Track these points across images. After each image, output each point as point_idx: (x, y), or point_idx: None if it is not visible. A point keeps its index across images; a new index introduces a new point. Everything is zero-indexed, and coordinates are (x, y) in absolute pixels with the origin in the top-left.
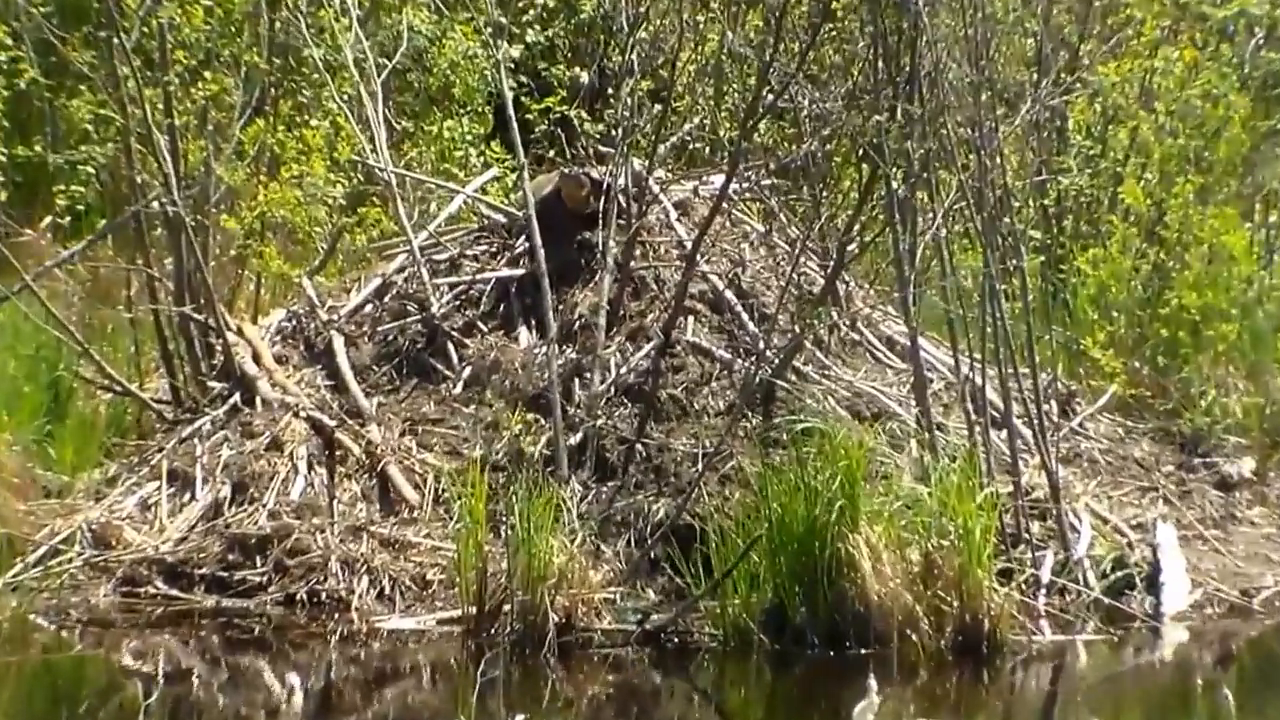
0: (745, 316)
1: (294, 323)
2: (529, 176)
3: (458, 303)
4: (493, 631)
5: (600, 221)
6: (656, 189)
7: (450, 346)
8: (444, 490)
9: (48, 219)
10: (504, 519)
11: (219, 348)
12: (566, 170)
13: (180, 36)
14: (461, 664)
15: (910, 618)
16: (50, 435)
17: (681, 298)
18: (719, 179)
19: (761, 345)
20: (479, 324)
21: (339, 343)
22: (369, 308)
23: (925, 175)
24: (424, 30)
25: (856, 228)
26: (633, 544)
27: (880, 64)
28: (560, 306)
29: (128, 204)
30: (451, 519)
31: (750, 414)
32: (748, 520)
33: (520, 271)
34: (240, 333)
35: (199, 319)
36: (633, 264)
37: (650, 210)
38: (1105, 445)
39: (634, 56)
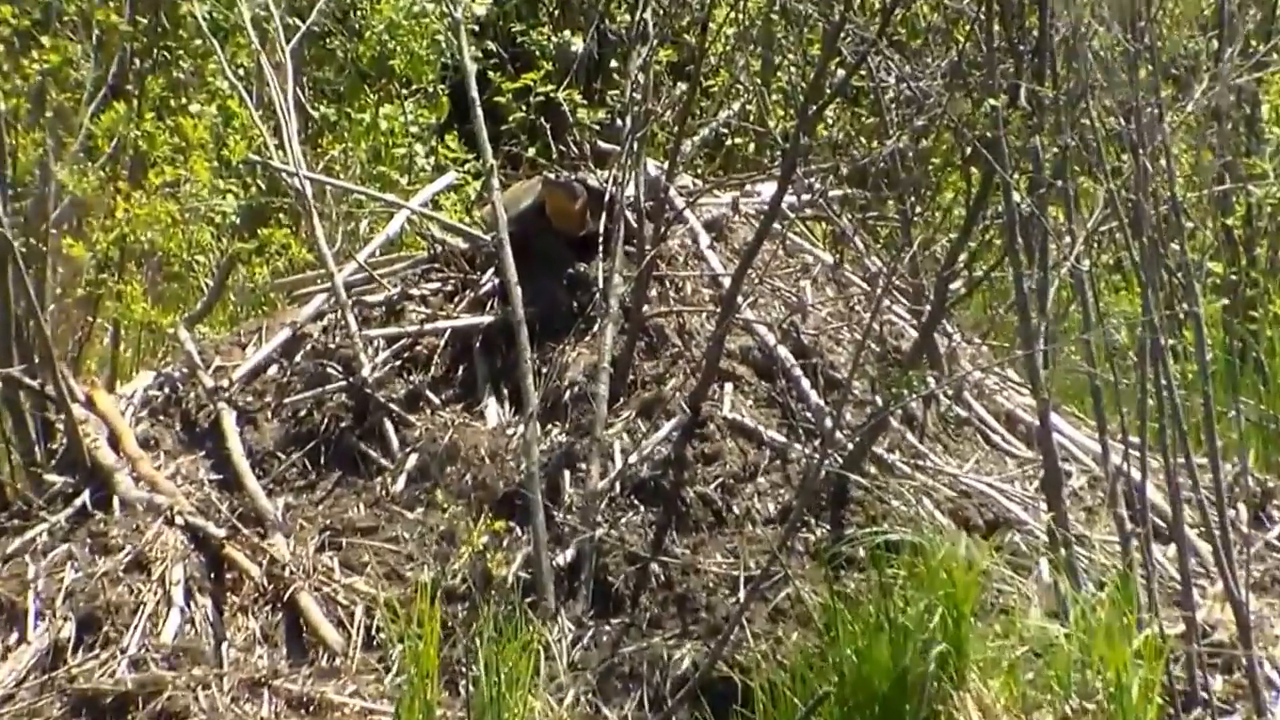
0: (806, 384)
1: (167, 391)
2: (500, 184)
3: (399, 363)
4: None
5: (601, 249)
6: (680, 202)
7: (388, 425)
8: (379, 629)
9: None
10: (464, 670)
11: (60, 426)
12: (553, 176)
13: None
14: None
15: None
16: None
17: (716, 357)
18: (769, 189)
19: (829, 424)
20: (429, 394)
21: (230, 420)
22: (273, 370)
23: (1060, 184)
24: None
25: (963, 258)
26: (646, 705)
27: (997, 27)
28: (545, 369)
29: None
30: (389, 670)
31: (813, 522)
32: (809, 672)
33: (487, 319)
34: (91, 404)
35: (32, 385)
36: (647, 309)
37: (672, 233)
38: None
39: (648, 16)
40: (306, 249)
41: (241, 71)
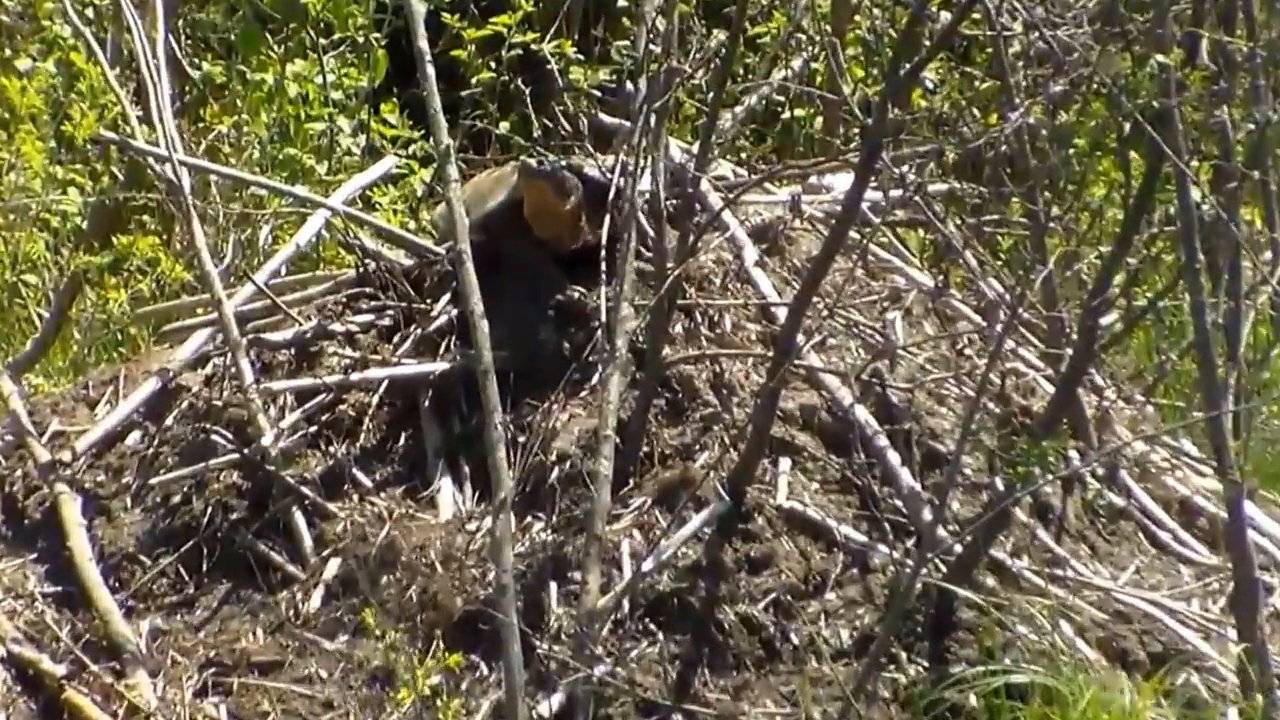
0: (894, 459)
1: None
2: (460, 174)
3: (314, 429)
4: None
5: (603, 266)
6: (717, 201)
7: (298, 517)
8: None
9: None
10: None
11: None
12: (534, 164)
13: None
14: None
15: None
16: None
17: (767, 422)
18: (842, 182)
19: (928, 517)
20: (356, 472)
21: (74, 509)
22: (135, 438)
23: (1258, 175)
24: None
25: (1118, 280)
26: None
27: None
28: (523, 437)
29: None
30: None
31: (904, 656)
32: None
33: (440, 366)
34: None
35: None
36: (669, 352)
37: (705, 244)
38: None
39: None
40: (183, 265)
41: (91, 12)
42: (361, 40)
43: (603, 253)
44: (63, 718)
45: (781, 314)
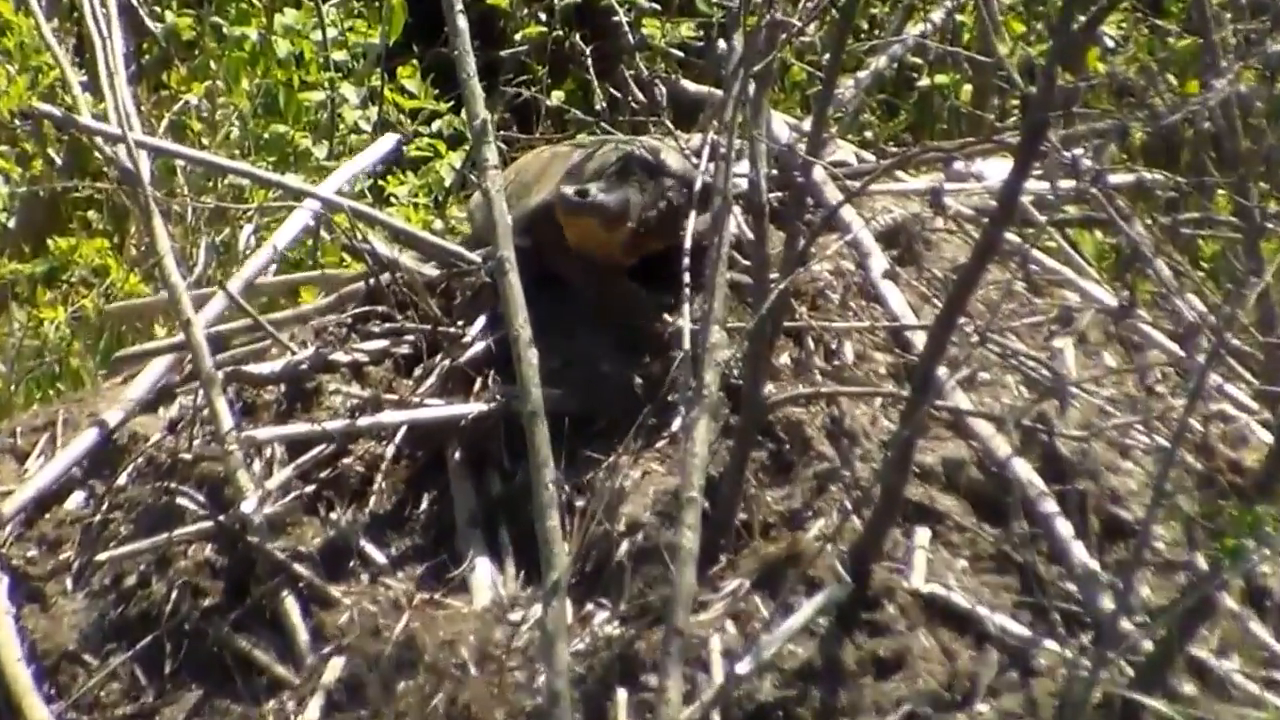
0: (1065, 529)
1: None
2: (498, 159)
3: (310, 490)
4: None
5: (686, 277)
6: (834, 194)
7: (290, 605)
8: None
9: None
10: None
11: None
12: (575, 193)
13: None
14: None
15: None
16: None
17: (900, 481)
18: (997, 169)
19: (1108, 605)
20: (366, 546)
21: None
22: (77, 500)
23: None
24: None
25: None
26: None
27: None
28: (583, 500)
29: None
30: None
31: None
32: None
33: (475, 408)
34: None
35: None
36: (772, 389)
37: (819, 249)
38: None
39: None
40: (139, 276)
41: None
42: None
43: (685, 260)
44: None
45: (919, 340)
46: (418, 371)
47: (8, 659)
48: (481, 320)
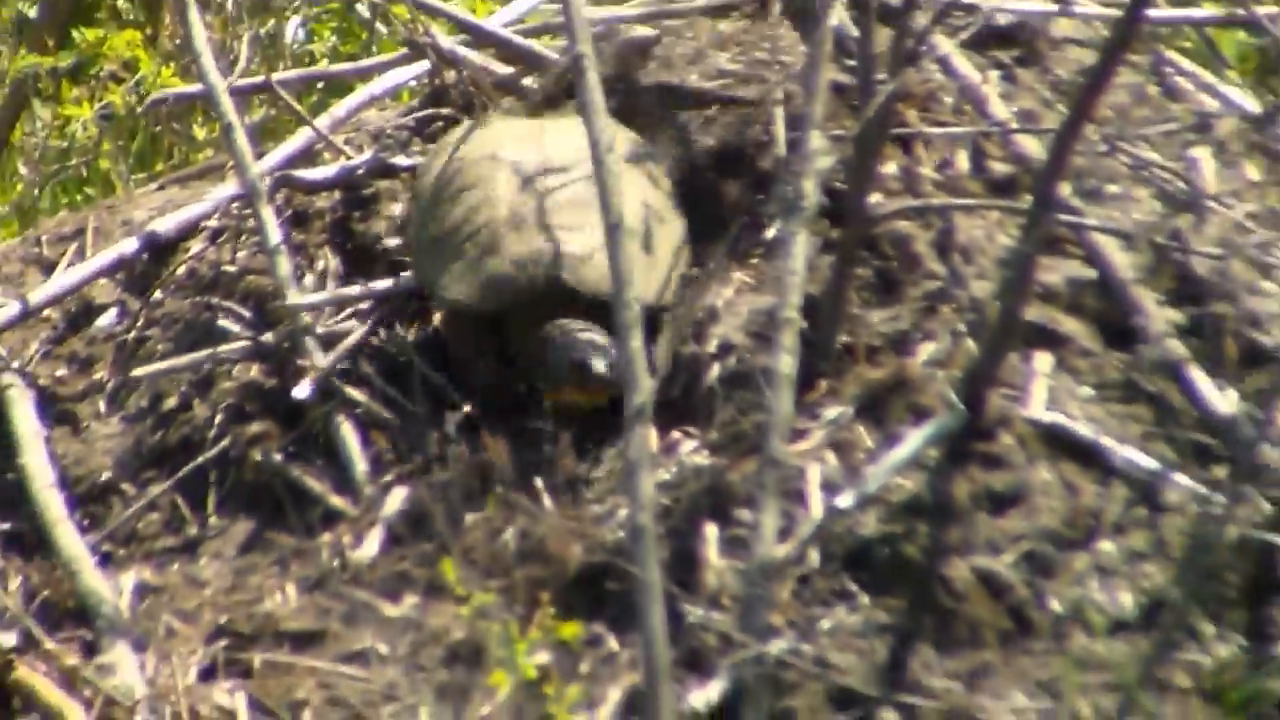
0: (1195, 356)
1: None
2: None
3: (368, 304)
4: None
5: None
6: None
7: (347, 430)
8: None
9: None
10: None
11: None
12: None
13: None
14: None
15: None
16: None
17: (1018, 302)
18: None
19: (1246, 435)
20: (430, 371)
21: (26, 410)
22: (110, 317)
23: None
24: None
25: None
26: None
27: None
28: (667, 315)
29: None
30: None
31: (1208, 630)
32: None
33: None
34: None
35: None
36: (877, 200)
37: (928, 49)
38: None
39: None
40: (174, 70)
41: None
42: None
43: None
44: (11, 705)
45: (1037, 150)
46: None
47: (39, 485)
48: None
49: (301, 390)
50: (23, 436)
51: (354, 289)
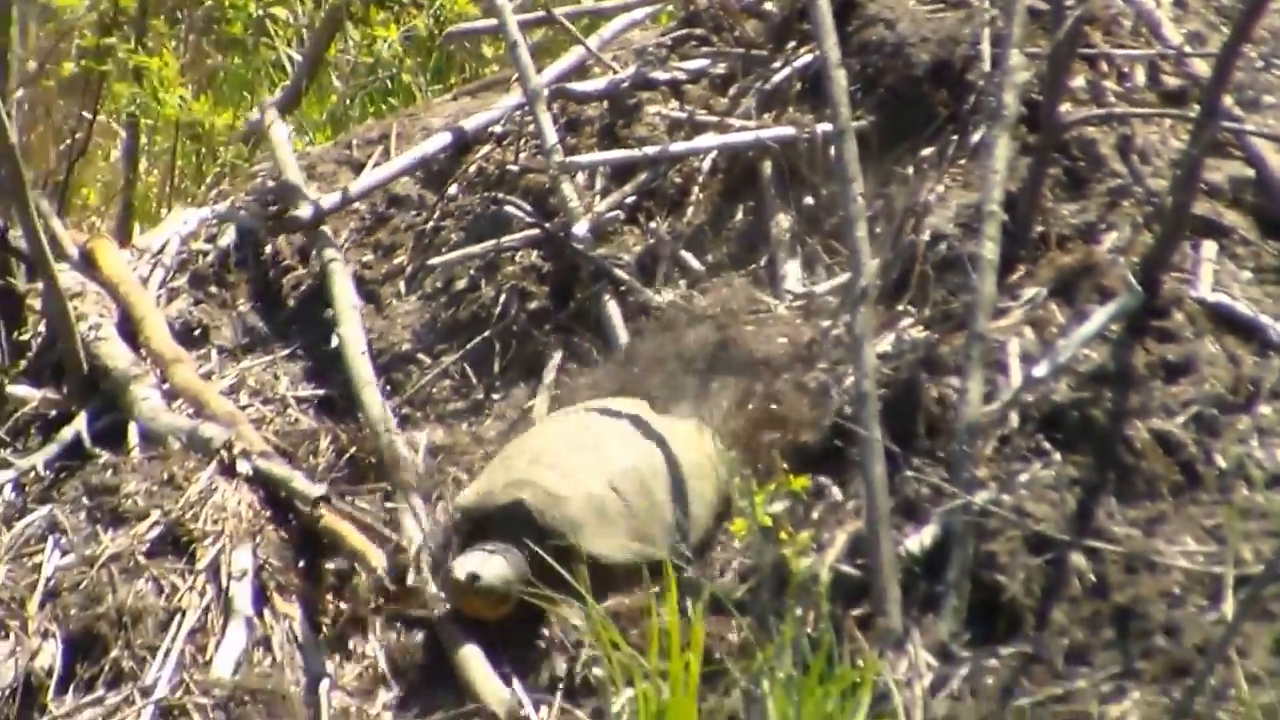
0: None
1: (225, 242)
2: None
3: (632, 199)
4: None
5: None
6: None
7: (610, 307)
8: (587, 662)
9: None
10: None
11: (37, 302)
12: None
13: None
14: None
15: None
16: None
17: (1188, 197)
18: None
19: None
20: (683, 253)
21: (346, 285)
22: (411, 210)
23: None
24: None
25: None
26: None
27: None
28: (886, 210)
29: None
30: None
31: None
32: None
33: (785, 131)
34: (91, 265)
35: None
36: (1068, 109)
37: None
38: None
39: None
40: None
41: None
42: None
43: None
44: (321, 552)
45: (1204, 66)
46: (733, 91)
47: (353, 352)
48: (793, 48)
49: (580, 227)
50: (342, 309)
51: (616, 153)
